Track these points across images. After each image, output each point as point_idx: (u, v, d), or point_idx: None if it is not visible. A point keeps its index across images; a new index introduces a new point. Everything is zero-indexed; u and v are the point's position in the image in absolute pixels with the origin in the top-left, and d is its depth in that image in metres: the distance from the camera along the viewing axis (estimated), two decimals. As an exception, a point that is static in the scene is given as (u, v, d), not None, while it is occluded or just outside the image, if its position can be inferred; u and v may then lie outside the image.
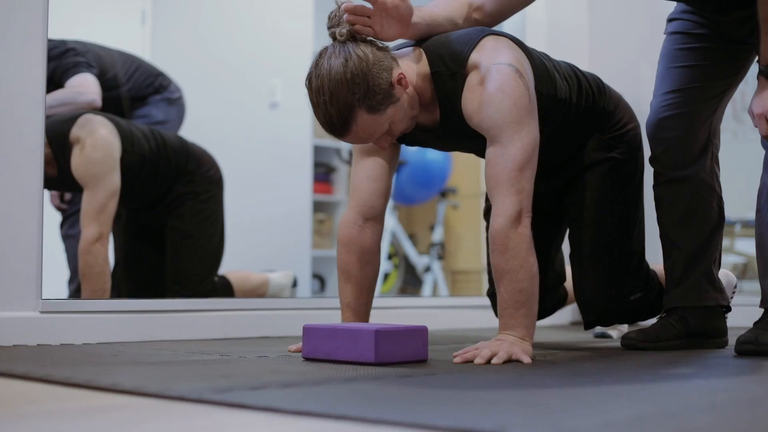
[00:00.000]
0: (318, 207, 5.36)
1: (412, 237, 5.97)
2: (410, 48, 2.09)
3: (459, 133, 2.07)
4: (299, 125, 4.57)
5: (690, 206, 2.26)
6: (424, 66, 2.04)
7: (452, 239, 5.94)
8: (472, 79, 1.99)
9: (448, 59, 2.02)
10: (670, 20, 2.33)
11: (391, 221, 5.51)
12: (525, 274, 1.91)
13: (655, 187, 2.32)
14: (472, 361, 1.86)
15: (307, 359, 1.94)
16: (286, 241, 4.59)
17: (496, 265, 1.93)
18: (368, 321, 2.23)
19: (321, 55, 1.97)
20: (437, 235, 5.74)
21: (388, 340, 1.86)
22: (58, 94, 3.16)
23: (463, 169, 5.80)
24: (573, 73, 2.24)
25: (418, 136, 2.17)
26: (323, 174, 5.60)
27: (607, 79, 2.46)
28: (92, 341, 2.38)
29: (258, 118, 4.68)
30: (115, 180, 2.92)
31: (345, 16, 1.98)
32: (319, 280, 5.11)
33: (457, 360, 1.88)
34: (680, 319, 2.24)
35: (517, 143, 1.92)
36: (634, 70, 3.77)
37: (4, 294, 2.25)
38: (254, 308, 2.80)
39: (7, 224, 2.27)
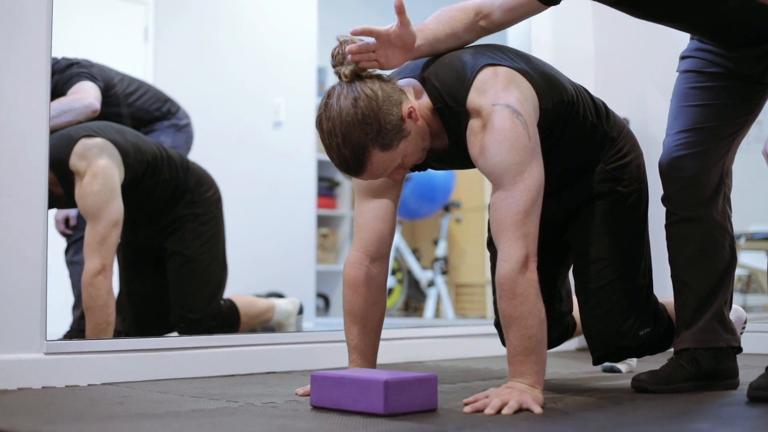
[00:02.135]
0: (321, 221, 5.35)
1: (415, 252, 5.95)
2: (409, 80, 2.07)
3: (468, 160, 2.05)
4: (303, 144, 4.55)
5: (702, 247, 2.24)
6: (427, 99, 2.03)
7: (456, 253, 5.93)
8: (474, 124, 1.98)
9: (447, 97, 2.01)
10: (682, 58, 2.31)
11: (395, 236, 5.50)
12: (534, 320, 1.89)
13: (667, 226, 2.29)
14: (482, 411, 1.84)
15: (315, 407, 1.92)
16: (290, 257, 4.57)
17: (504, 311, 1.91)
18: (376, 361, 2.21)
19: (329, 95, 1.95)
20: (441, 249, 5.73)
21: (398, 391, 1.83)
22: (56, 104, 3.15)
23: (467, 182, 5.79)
24: (580, 87, 2.23)
25: (429, 163, 2.17)
26: (327, 189, 5.59)
27: (613, 103, 2.44)
28: (97, 382, 2.36)
29: (262, 137, 4.66)
30: (115, 210, 2.89)
31: (349, 57, 1.96)
32: (324, 299, 5.10)
33: (467, 410, 1.86)
34: (691, 361, 2.22)
35: (519, 185, 1.90)
36: (640, 93, 3.75)
37: (8, 336, 2.23)
38: (260, 344, 2.78)
39: (11, 266, 2.25)
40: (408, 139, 1.96)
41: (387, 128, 1.91)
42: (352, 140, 1.90)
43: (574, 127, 2.16)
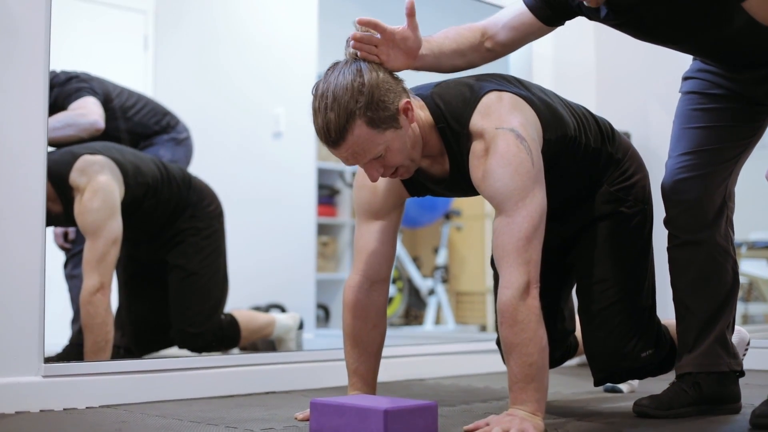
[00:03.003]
0: (322, 230, 5.33)
1: (416, 260, 5.93)
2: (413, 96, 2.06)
3: (469, 185, 2.04)
4: (303, 154, 4.53)
5: (704, 270, 2.22)
6: (429, 117, 2.02)
7: (456, 261, 5.91)
8: (476, 147, 1.96)
9: (450, 118, 2.00)
10: (685, 78, 2.29)
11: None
12: (535, 347, 1.87)
13: (669, 249, 2.28)
14: (483, 439, 1.82)
15: (314, 435, 1.91)
16: (291, 267, 4.56)
17: (505, 338, 1.90)
18: (376, 385, 2.20)
19: (332, 67, 1.95)
20: (441, 257, 5.71)
21: (398, 420, 1.82)
22: (60, 116, 3.14)
23: (468, 191, 5.75)
24: (583, 113, 2.22)
25: (429, 186, 2.15)
26: (327, 197, 5.57)
27: (614, 117, 2.43)
28: (96, 404, 2.35)
29: (262, 147, 4.64)
30: (115, 227, 2.87)
31: (351, 43, 1.95)
32: (324, 309, 5.08)
33: (467, 438, 1.85)
34: (693, 386, 2.20)
35: (522, 211, 1.89)
36: (641, 107, 3.74)
37: (6, 359, 2.22)
38: (259, 363, 2.76)
39: (9, 289, 2.24)
40: (398, 132, 1.92)
41: (379, 106, 1.88)
42: (340, 104, 1.86)
43: (578, 159, 2.15)
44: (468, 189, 2.06)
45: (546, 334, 1.90)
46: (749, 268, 5.80)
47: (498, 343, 2.41)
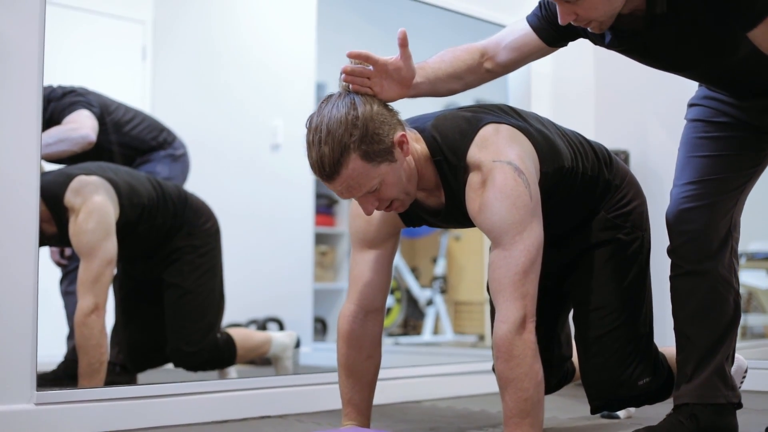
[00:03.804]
0: (320, 239, 5.32)
1: (414, 270, 5.92)
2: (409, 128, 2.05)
3: (465, 218, 2.03)
4: (301, 167, 4.50)
5: (706, 301, 2.19)
6: (425, 149, 2.00)
7: (455, 270, 5.90)
8: (473, 179, 1.95)
9: (447, 150, 1.98)
10: (690, 105, 2.27)
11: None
12: (530, 382, 1.86)
13: (671, 278, 2.25)
14: (477, 475, 1.81)
15: (307, 469, 1.90)
16: (288, 279, 4.56)
17: (500, 372, 1.89)
18: (370, 414, 2.19)
19: (326, 100, 1.93)
20: (440, 267, 5.70)
21: (392, 457, 1.81)
22: (52, 131, 3.13)
23: (467, 201, 5.73)
24: (579, 140, 2.20)
25: (424, 217, 2.14)
26: (325, 206, 5.56)
27: (613, 135, 2.41)
28: (89, 432, 2.34)
29: (260, 160, 4.63)
30: (109, 248, 2.86)
31: (342, 77, 1.93)
32: (321, 323, 5.07)
33: (461, 475, 1.83)
34: (690, 417, 2.18)
35: (519, 245, 1.88)
36: (640, 125, 3.72)
37: (-2, 387, 2.21)
38: (254, 388, 2.75)
39: (1, 317, 2.22)
40: (393, 165, 1.91)
41: (374, 139, 1.86)
42: (334, 138, 1.84)
43: (575, 188, 2.14)
44: (464, 221, 2.05)
45: (542, 368, 1.89)
46: (748, 278, 5.79)
47: (494, 369, 2.40)
